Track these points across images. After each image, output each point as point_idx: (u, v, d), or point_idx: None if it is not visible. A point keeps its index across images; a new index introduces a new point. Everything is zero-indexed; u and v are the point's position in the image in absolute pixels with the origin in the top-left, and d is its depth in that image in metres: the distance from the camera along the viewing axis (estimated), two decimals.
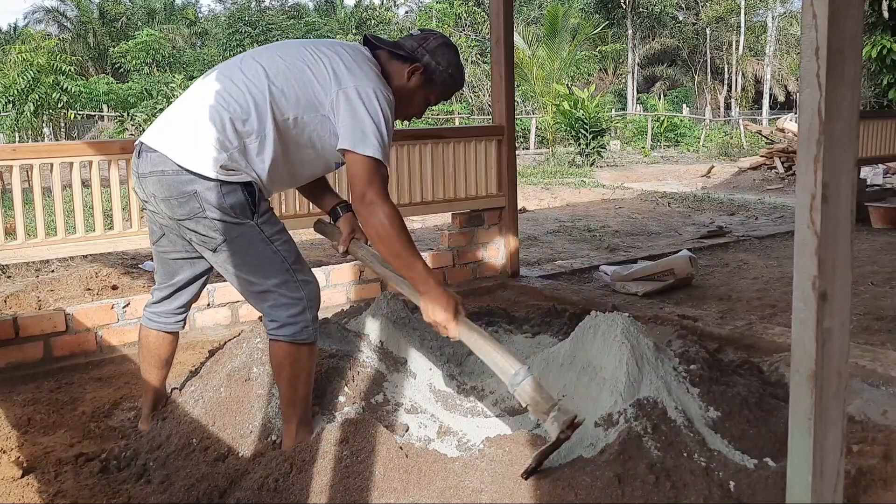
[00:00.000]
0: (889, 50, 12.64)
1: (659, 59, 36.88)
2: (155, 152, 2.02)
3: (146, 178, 2.05)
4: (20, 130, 16.13)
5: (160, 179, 2.01)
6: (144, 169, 2.05)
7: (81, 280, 4.85)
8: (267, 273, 2.04)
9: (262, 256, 2.03)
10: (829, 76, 1.13)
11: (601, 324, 2.37)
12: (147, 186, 2.05)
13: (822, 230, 1.16)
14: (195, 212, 1.99)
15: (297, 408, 2.09)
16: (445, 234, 4.67)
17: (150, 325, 2.35)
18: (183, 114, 2.06)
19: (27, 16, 50.30)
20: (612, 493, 1.81)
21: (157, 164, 2.01)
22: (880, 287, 4.44)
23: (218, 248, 2.04)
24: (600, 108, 18.15)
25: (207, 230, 2.02)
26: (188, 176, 1.97)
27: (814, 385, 1.18)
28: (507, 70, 4.68)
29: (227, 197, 1.99)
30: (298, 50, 2.11)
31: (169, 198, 2.01)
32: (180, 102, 2.12)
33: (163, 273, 2.30)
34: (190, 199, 1.98)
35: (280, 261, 2.05)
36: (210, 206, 1.98)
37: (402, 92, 2.19)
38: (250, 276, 2.05)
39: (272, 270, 2.04)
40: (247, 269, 2.05)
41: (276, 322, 2.05)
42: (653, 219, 8.13)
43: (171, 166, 1.98)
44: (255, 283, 2.06)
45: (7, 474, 2.17)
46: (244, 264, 2.04)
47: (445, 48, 2.24)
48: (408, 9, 41.21)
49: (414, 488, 1.89)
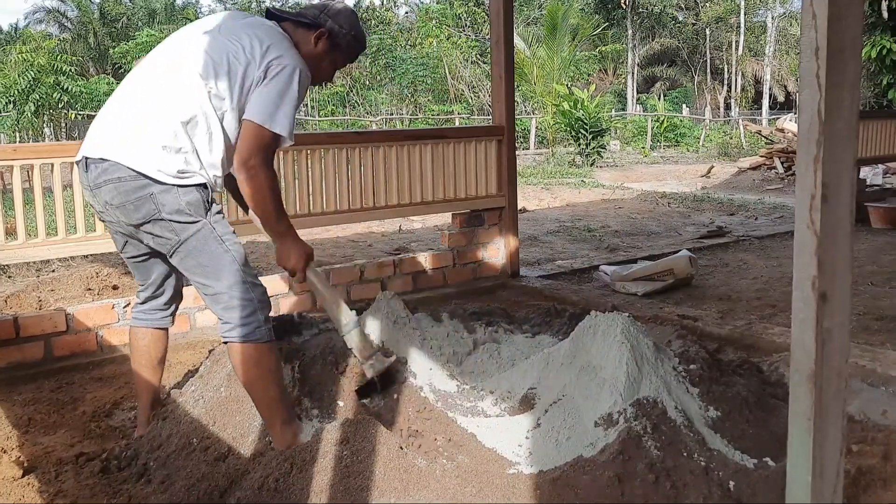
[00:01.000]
0: (889, 50, 12.64)
1: (659, 59, 36.89)
2: (106, 161, 2.04)
3: (100, 189, 2.07)
4: (21, 130, 16.13)
5: (116, 186, 2.04)
6: (98, 179, 2.07)
7: (82, 280, 4.85)
8: (219, 275, 2.07)
9: (214, 255, 2.07)
10: (828, 76, 1.14)
11: (601, 324, 2.38)
12: (101, 195, 2.08)
13: (822, 230, 1.16)
14: (151, 214, 2.04)
15: (274, 409, 2.09)
16: (445, 234, 4.67)
17: (141, 323, 2.38)
18: (127, 120, 2.08)
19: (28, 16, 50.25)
20: (612, 492, 1.82)
21: (111, 173, 2.04)
22: (880, 287, 4.44)
23: (174, 250, 2.09)
24: (600, 109, 18.15)
25: (164, 231, 2.06)
26: (144, 181, 2.02)
27: (813, 385, 1.18)
28: (507, 70, 4.68)
29: (182, 196, 2.04)
30: (219, 41, 2.13)
31: (125, 203, 2.04)
32: (118, 108, 2.14)
33: (139, 276, 2.36)
34: (146, 202, 2.03)
35: (231, 261, 2.08)
36: (165, 207, 2.03)
37: (311, 58, 2.26)
38: (204, 278, 2.09)
39: (224, 272, 2.07)
40: (200, 271, 2.09)
41: (230, 324, 2.07)
42: (653, 219, 8.14)
43: (127, 172, 2.02)
44: (208, 286, 2.10)
45: (8, 474, 2.17)
46: (198, 265, 2.09)
47: (346, 12, 2.35)
48: (408, 9, 41.20)
49: (414, 488, 1.89)
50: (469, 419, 2.37)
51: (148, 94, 2.10)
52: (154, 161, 2.01)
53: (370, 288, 4.22)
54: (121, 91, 2.18)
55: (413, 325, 2.90)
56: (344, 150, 4.07)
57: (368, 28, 35.15)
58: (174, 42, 2.21)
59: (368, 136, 6.07)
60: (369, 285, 4.23)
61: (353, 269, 4.22)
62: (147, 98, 2.09)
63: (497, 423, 2.37)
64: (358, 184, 4.16)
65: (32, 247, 3.36)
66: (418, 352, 2.73)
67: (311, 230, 6.77)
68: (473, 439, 2.21)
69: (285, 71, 2.08)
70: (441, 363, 2.75)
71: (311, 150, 3.97)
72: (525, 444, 2.21)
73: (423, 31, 27.03)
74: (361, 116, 25.11)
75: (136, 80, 2.16)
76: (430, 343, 2.87)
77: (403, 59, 26.21)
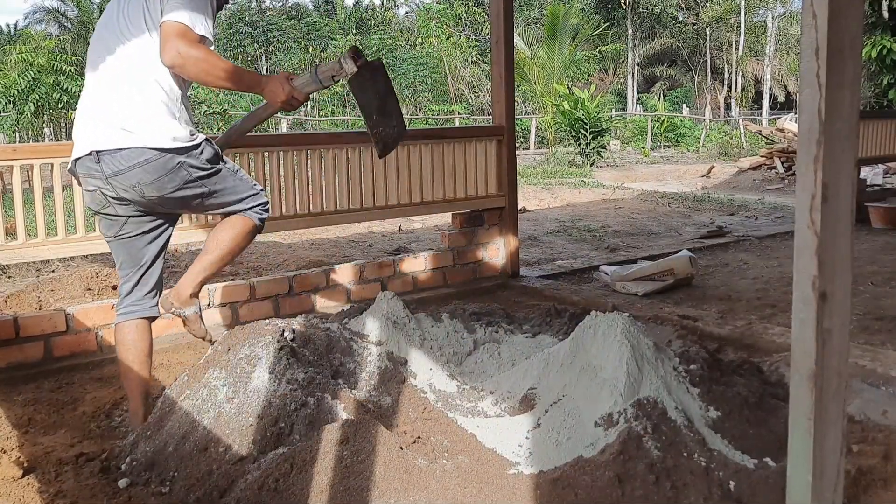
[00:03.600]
0: (889, 50, 12.65)
1: (659, 59, 36.89)
2: (124, 150, 2.22)
3: (122, 174, 2.24)
4: (21, 130, 16.15)
5: (145, 168, 2.23)
6: (118, 167, 2.23)
7: (82, 280, 4.85)
8: (238, 197, 2.45)
9: (233, 188, 2.43)
10: (829, 76, 1.13)
11: (601, 324, 2.38)
12: (126, 180, 2.25)
13: (822, 230, 1.16)
14: (184, 179, 2.29)
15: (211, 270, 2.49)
16: (445, 234, 4.67)
17: (129, 316, 2.45)
18: (119, 106, 2.24)
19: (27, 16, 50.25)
20: (612, 492, 1.82)
21: (134, 158, 2.22)
22: (880, 287, 4.44)
23: (206, 197, 2.38)
24: (600, 109, 18.15)
25: (195, 189, 2.33)
26: (168, 154, 2.24)
27: (814, 385, 1.18)
28: (508, 70, 4.68)
29: (203, 154, 2.32)
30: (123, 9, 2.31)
31: (160, 178, 2.25)
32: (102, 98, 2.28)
33: (128, 262, 2.46)
34: (179, 171, 2.27)
35: (243, 184, 2.46)
36: (195, 168, 2.30)
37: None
38: (226, 207, 2.46)
39: (243, 189, 2.46)
40: (222, 203, 2.44)
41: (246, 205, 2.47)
42: (653, 219, 8.14)
43: (150, 153, 2.22)
44: (228, 207, 2.46)
45: (7, 474, 2.17)
46: (222, 201, 2.43)
47: None
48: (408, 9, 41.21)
49: (414, 488, 1.89)
50: (469, 419, 2.37)
51: (119, 75, 2.26)
52: (165, 133, 2.23)
53: (370, 288, 4.22)
54: (93, 83, 2.32)
55: (413, 325, 2.90)
56: (344, 150, 4.07)
57: (369, 28, 35.22)
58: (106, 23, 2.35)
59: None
60: (369, 285, 4.23)
61: (353, 269, 4.22)
62: (136, 80, 2.24)
63: (497, 423, 2.37)
64: (358, 184, 4.15)
65: (32, 247, 3.36)
66: (418, 352, 2.73)
67: (312, 230, 6.78)
68: (473, 439, 2.21)
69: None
70: (441, 363, 2.75)
71: (312, 150, 3.97)
72: (525, 444, 2.21)
73: (423, 31, 27.04)
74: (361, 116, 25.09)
75: (100, 68, 2.31)
76: (430, 343, 2.87)
77: (404, 59, 26.23)
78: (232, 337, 2.47)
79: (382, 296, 2.97)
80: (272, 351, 2.30)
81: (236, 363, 2.31)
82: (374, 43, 28.31)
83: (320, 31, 31.95)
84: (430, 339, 2.92)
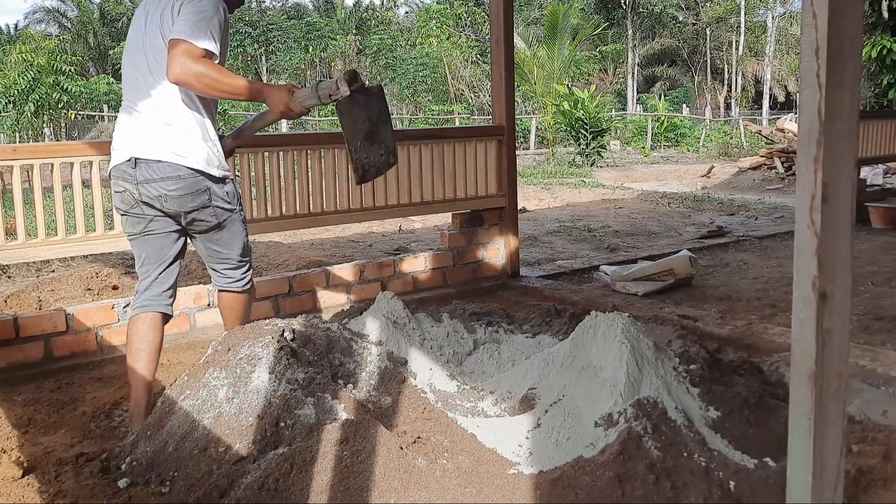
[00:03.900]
0: (889, 50, 12.64)
1: (659, 59, 36.88)
2: (162, 162, 2.39)
3: (151, 183, 2.41)
4: (21, 130, 16.13)
5: (175, 182, 2.40)
6: (151, 176, 2.40)
7: (82, 280, 4.85)
8: (236, 246, 2.62)
9: (235, 233, 2.60)
10: (829, 76, 1.13)
11: (601, 324, 2.38)
12: (152, 189, 2.42)
13: (822, 230, 1.16)
14: (204, 203, 2.46)
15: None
16: (445, 234, 4.67)
17: (145, 309, 2.52)
18: (168, 123, 2.42)
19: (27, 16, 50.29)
20: (612, 492, 1.82)
21: (168, 171, 2.40)
22: (880, 287, 4.44)
23: (209, 229, 2.53)
24: (600, 109, 18.14)
25: (208, 216, 2.49)
26: (200, 176, 2.43)
27: (814, 385, 1.18)
28: (508, 70, 4.68)
29: (225, 187, 2.51)
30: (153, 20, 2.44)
31: (185, 195, 2.42)
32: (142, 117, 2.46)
33: (151, 258, 2.55)
34: (202, 194, 2.45)
35: (244, 237, 2.64)
36: (217, 197, 2.48)
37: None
38: (222, 247, 2.60)
39: (238, 245, 2.62)
40: (222, 243, 2.59)
41: (231, 279, 2.65)
42: (653, 219, 8.14)
43: (185, 171, 2.40)
44: (222, 253, 2.61)
45: (7, 474, 2.17)
46: (222, 239, 2.58)
47: None
48: (408, 9, 41.21)
49: (414, 488, 1.89)
50: (469, 419, 2.37)
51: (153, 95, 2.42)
52: (200, 157, 2.42)
53: (370, 288, 4.22)
54: (131, 100, 2.49)
55: (413, 326, 2.90)
56: (344, 150, 4.06)
57: (369, 28, 35.21)
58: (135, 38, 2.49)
59: None
60: (369, 285, 4.23)
61: (353, 269, 4.22)
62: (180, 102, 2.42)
63: (497, 423, 2.37)
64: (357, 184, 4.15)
65: (32, 247, 3.36)
66: (418, 352, 2.74)
67: (312, 230, 6.78)
68: (473, 439, 2.21)
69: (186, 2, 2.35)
70: (441, 363, 2.75)
71: (312, 150, 3.97)
72: (525, 444, 2.21)
73: (423, 31, 27.03)
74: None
75: (135, 86, 2.48)
76: (430, 343, 2.87)
77: (403, 59, 26.21)
78: (232, 337, 2.47)
79: (382, 296, 2.97)
80: (272, 351, 2.30)
81: (236, 363, 2.31)
82: (374, 43, 28.30)
83: (320, 31, 31.91)
84: (430, 339, 2.92)
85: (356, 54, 30.37)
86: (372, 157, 2.54)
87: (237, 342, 2.43)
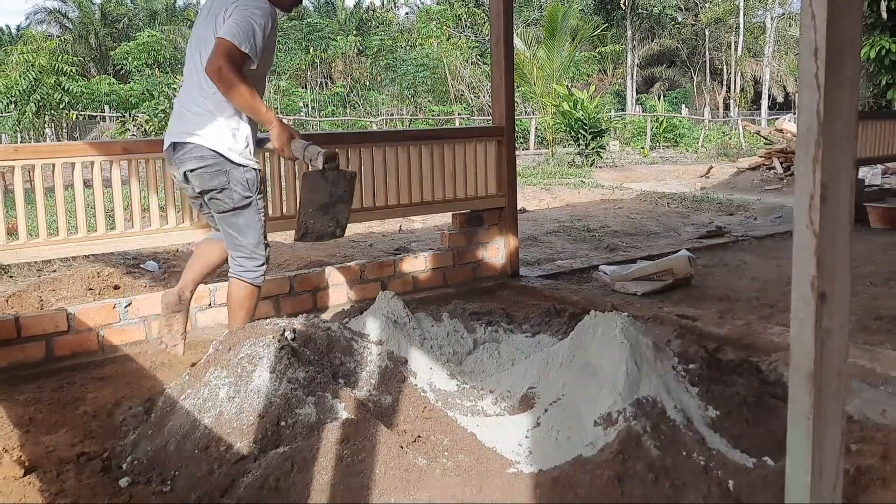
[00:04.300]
0: (888, 50, 12.64)
1: (658, 59, 36.89)
2: (190, 143, 2.74)
3: (184, 162, 2.77)
4: (22, 131, 16.12)
5: (199, 161, 2.73)
6: (183, 156, 2.76)
7: (83, 280, 4.85)
8: (250, 235, 2.85)
9: (251, 221, 2.84)
10: (827, 77, 1.14)
11: (601, 323, 2.38)
12: (181, 166, 2.78)
13: (821, 230, 1.16)
14: (222, 184, 2.76)
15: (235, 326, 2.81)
16: (445, 235, 4.67)
17: (216, 236, 3.02)
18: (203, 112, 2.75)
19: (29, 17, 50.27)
20: (612, 492, 1.82)
21: (195, 152, 2.73)
22: (879, 287, 4.44)
23: (225, 211, 2.81)
24: (600, 109, 18.14)
25: (224, 197, 2.78)
26: (221, 158, 2.74)
27: (813, 385, 1.19)
28: (507, 71, 4.69)
29: (245, 174, 2.78)
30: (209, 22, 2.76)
31: (204, 173, 2.74)
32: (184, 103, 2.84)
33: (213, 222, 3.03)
34: (220, 175, 2.74)
35: (260, 227, 2.87)
36: (233, 181, 2.76)
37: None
38: (238, 233, 2.85)
39: (253, 234, 2.85)
40: (237, 229, 2.84)
41: (243, 268, 2.88)
42: (652, 219, 8.14)
43: (208, 152, 2.73)
44: (237, 239, 2.86)
45: (9, 473, 2.18)
46: (237, 224, 2.84)
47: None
48: (408, 10, 41.22)
49: (414, 487, 1.90)
50: (469, 418, 2.38)
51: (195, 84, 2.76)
52: (224, 142, 2.73)
53: (370, 288, 4.22)
54: (183, 87, 2.88)
55: (413, 325, 2.91)
56: (344, 150, 4.07)
57: (369, 29, 35.21)
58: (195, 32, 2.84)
59: (369, 136, 6.08)
60: (369, 285, 4.24)
61: (354, 269, 4.22)
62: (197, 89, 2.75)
63: (497, 422, 2.38)
64: (358, 184, 4.16)
65: (34, 247, 3.37)
66: (418, 351, 2.74)
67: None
68: (473, 438, 2.22)
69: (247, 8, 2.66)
70: (441, 363, 2.76)
71: None
72: (525, 443, 2.21)
73: (423, 32, 27.06)
74: (362, 117, 25.12)
75: (186, 75, 2.84)
76: (430, 342, 2.87)
77: (404, 59, 26.23)
78: (233, 336, 2.48)
79: (383, 295, 2.97)
80: (273, 350, 2.30)
81: (237, 363, 2.32)
82: (375, 44, 28.31)
83: (321, 32, 31.93)
84: (430, 339, 2.93)
85: (357, 55, 30.38)
86: (318, 225, 2.82)
87: (238, 342, 2.43)
